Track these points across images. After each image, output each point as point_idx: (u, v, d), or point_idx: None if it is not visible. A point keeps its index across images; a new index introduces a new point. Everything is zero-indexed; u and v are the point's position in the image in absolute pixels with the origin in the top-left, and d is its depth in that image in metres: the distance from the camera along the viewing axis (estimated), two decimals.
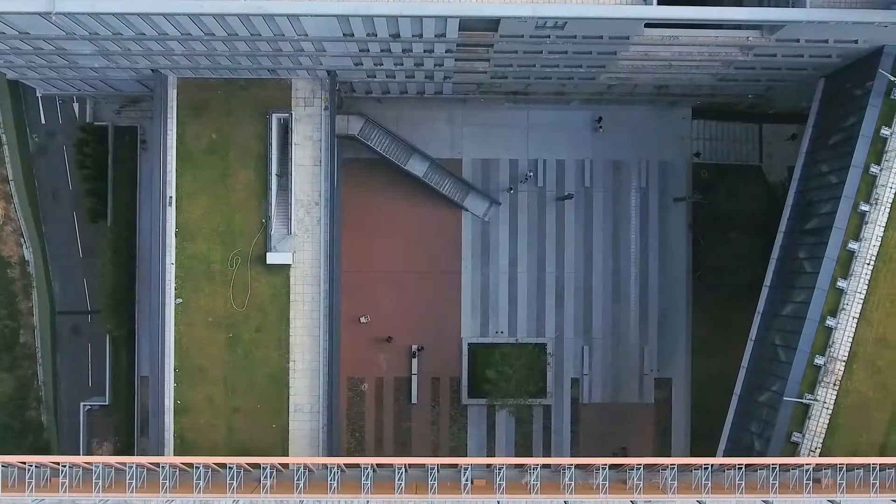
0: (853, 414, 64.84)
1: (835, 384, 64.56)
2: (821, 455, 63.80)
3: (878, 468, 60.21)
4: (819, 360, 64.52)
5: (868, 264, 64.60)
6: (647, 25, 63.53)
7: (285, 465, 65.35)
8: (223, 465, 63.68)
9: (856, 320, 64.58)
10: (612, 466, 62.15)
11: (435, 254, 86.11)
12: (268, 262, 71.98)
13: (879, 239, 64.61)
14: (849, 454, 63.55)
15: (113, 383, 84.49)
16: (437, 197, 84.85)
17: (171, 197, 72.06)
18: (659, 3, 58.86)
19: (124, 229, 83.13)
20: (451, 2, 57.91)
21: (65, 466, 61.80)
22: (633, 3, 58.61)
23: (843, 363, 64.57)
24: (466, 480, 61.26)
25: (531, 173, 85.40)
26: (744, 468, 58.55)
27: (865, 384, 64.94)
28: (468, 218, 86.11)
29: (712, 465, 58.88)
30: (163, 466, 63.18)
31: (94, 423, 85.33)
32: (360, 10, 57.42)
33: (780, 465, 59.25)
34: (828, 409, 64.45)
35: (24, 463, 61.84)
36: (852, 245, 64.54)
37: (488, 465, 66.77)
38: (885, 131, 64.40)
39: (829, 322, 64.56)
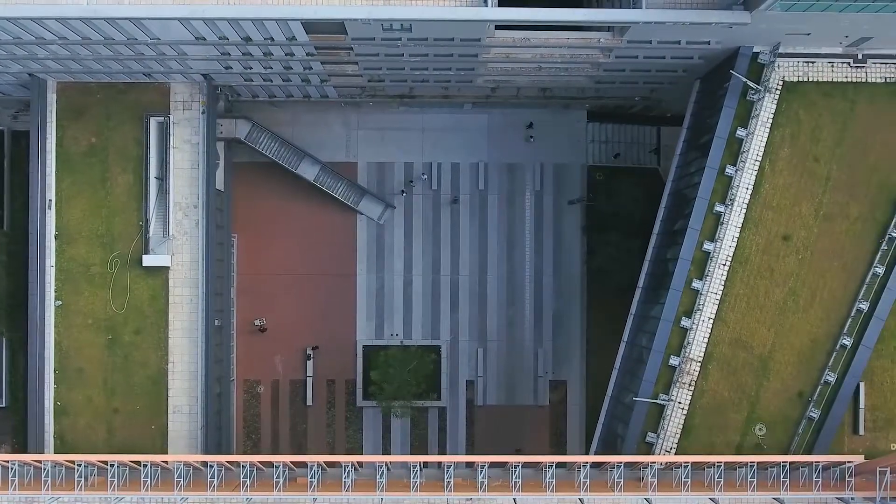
0: (709, 414, 64.77)
1: (690, 385, 64.48)
2: (676, 454, 63.88)
3: (689, 466, 60.13)
4: (674, 361, 64.50)
5: (724, 265, 64.56)
6: (498, 28, 63.82)
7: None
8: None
9: (711, 321, 64.55)
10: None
11: (330, 257, 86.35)
12: (144, 264, 72.57)
13: (735, 240, 64.63)
14: (705, 454, 63.52)
15: (10, 385, 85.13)
16: (334, 200, 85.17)
17: (50, 200, 73.04)
18: (504, 5, 59.37)
19: (21, 233, 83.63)
20: (290, 4, 58.39)
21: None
22: (474, 5, 58.94)
23: (699, 364, 64.52)
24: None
25: (424, 175, 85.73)
26: (554, 466, 58.62)
27: (721, 384, 64.87)
28: (363, 221, 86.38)
29: (522, 463, 58.94)
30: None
31: None
32: (198, 13, 57.85)
33: (591, 462, 59.34)
34: (683, 409, 64.40)
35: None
36: (707, 246, 64.55)
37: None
38: (740, 132, 64.56)
39: (684, 322, 64.51)
